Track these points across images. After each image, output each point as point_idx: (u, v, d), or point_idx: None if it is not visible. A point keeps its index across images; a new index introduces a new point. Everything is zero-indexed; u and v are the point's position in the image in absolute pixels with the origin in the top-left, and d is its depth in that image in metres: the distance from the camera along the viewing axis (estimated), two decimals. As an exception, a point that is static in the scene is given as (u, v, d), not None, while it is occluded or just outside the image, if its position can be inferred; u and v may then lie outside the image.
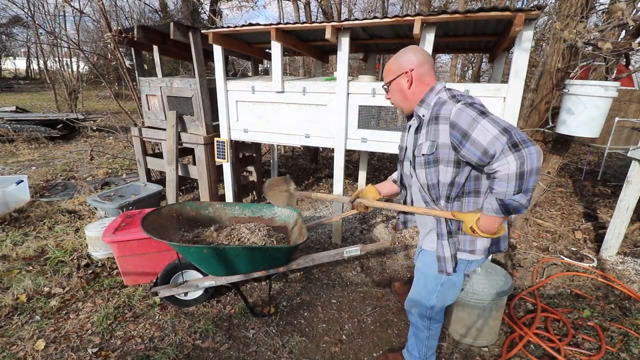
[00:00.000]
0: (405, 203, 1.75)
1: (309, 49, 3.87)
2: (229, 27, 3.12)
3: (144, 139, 4.34)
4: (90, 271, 2.86)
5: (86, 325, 2.29)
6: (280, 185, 2.34)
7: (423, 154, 1.41)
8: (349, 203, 2.02)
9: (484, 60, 9.40)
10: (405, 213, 1.80)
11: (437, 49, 3.92)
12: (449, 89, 1.42)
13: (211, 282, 2.32)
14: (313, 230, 3.76)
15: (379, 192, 1.96)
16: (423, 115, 1.42)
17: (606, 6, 3.44)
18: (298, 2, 6.18)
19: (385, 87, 1.55)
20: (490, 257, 2.78)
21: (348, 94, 2.99)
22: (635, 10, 2.91)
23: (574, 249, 3.42)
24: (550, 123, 2.86)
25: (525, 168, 1.17)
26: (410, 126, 1.53)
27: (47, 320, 2.31)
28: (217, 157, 3.73)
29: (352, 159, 7.03)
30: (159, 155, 4.46)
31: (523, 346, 2.15)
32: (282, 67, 3.16)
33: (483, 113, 1.25)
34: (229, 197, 3.88)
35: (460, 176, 1.39)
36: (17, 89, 19.40)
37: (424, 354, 1.85)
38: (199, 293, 2.49)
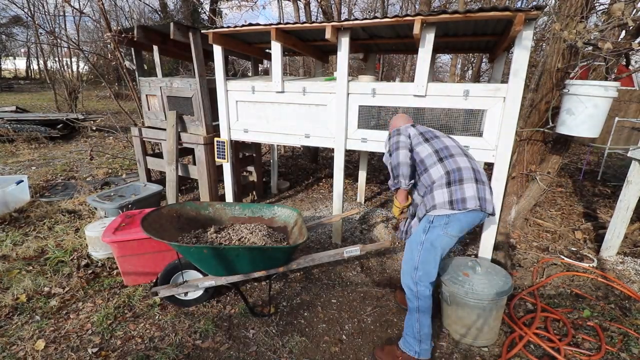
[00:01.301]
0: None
1: (309, 49, 3.88)
2: (229, 27, 3.12)
3: (144, 139, 4.34)
4: (90, 271, 2.86)
5: (86, 325, 2.29)
6: None
7: None
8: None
9: (484, 60, 9.40)
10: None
11: (437, 49, 3.92)
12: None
13: (211, 282, 2.33)
14: (313, 230, 3.76)
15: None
16: None
17: (606, 6, 3.44)
18: (298, 2, 6.18)
19: None
20: (490, 257, 2.78)
21: (348, 94, 2.99)
22: (635, 10, 2.91)
23: (574, 249, 3.42)
24: (550, 123, 2.86)
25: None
26: None
27: (47, 320, 2.31)
28: (217, 157, 3.73)
29: (352, 159, 7.03)
30: (159, 155, 4.46)
31: (523, 346, 2.14)
32: (282, 67, 3.17)
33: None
34: (229, 197, 3.88)
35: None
36: (17, 89, 19.40)
37: (417, 331, 1.94)
38: (199, 293, 2.49)
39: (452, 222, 1.88)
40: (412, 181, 2.07)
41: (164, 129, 4.07)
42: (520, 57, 2.35)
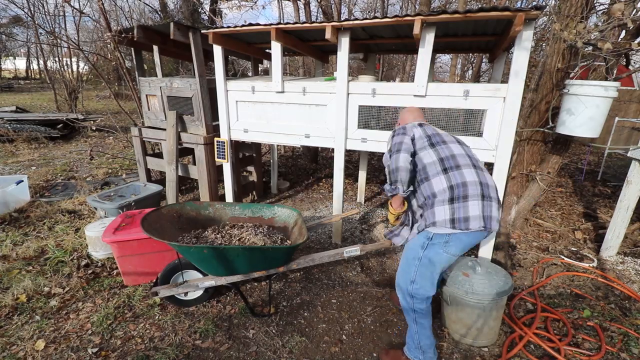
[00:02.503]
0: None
1: (309, 49, 3.88)
2: (229, 27, 3.12)
3: (144, 139, 4.34)
4: (90, 271, 2.86)
5: (86, 325, 2.29)
6: None
7: None
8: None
9: (484, 60, 9.40)
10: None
11: (437, 49, 3.92)
12: None
13: (211, 282, 2.32)
14: (313, 230, 3.76)
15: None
16: None
17: (606, 6, 3.44)
18: (298, 2, 6.17)
19: None
20: (490, 257, 2.78)
21: (348, 94, 2.99)
22: (635, 10, 2.91)
23: (574, 249, 3.42)
24: (550, 123, 2.86)
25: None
26: None
27: (47, 320, 2.31)
28: (217, 157, 3.73)
29: (352, 159, 7.03)
30: (159, 155, 4.46)
31: (523, 346, 2.15)
32: (282, 67, 3.16)
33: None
34: (229, 197, 3.88)
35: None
36: (17, 89, 19.40)
37: (418, 342, 1.91)
38: (199, 293, 2.49)
39: (452, 242, 1.76)
40: (411, 188, 1.88)
41: (164, 129, 4.07)
42: (521, 57, 2.35)
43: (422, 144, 1.87)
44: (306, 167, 6.51)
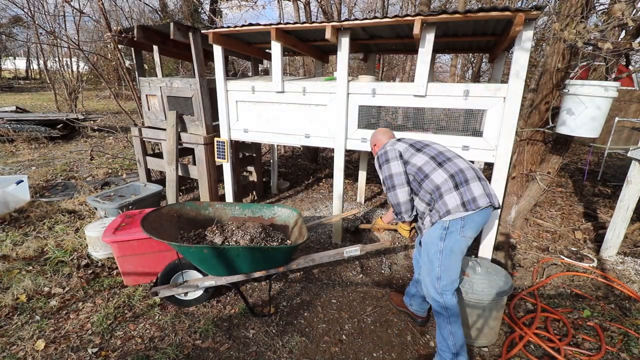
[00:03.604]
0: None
1: (309, 49, 3.87)
2: (229, 27, 3.12)
3: (144, 139, 4.34)
4: (90, 271, 2.86)
5: (86, 325, 2.29)
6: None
7: None
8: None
9: (484, 60, 9.40)
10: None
11: (437, 49, 3.92)
12: None
13: (211, 282, 2.32)
14: (313, 230, 3.76)
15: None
16: None
17: (606, 6, 3.44)
18: (298, 2, 6.17)
19: None
20: (490, 257, 2.78)
21: (348, 94, 2.99)
22: (635, 10, 2.91)
23: (574, 249, 3.42)
24: (550, 123, 2.86)
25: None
26: None
27: (47, 320, 2.31)
28: (217, 157, 3.73)
29: (352, 159, 7.03)
30: (159, 155, 4.46)
31: (523, 346, 2.15)
32: (282, 67, 3.16)
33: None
34: (229, 197, 3.88)
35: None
36: (17, 89, 19.40)
37: (453, 344, 1.90)
38: (199, 293, 2.49)
39: (467, 224, 1.83)
40: (414, 212, 2.04)
41: (164, 129, 4.07)
42: (521, 57, 2.35)
43: (410, 153, 2.01)
44: (306, 167, 6.51)
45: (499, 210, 2.73)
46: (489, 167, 3.08)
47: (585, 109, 2.44)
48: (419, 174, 1.94)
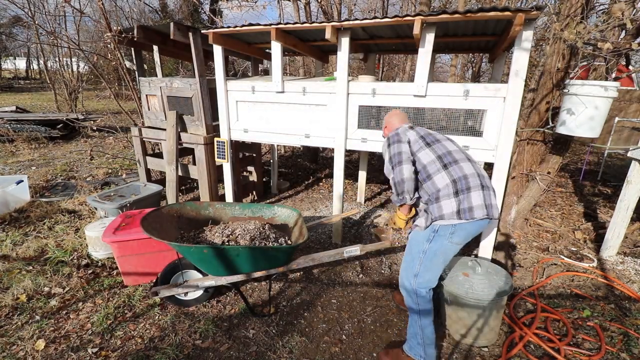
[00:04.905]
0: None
1: (309, 49, 3.87)
2: (229, 27, 3.12)
3: (144, 139, 4.34)
4: (90, 271, 2.86)
5: (86, 325, 2.29)
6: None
7: None
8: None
9: (484, 60, 9.40)
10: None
11: (437, 49, 3.92)
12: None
13: (211, 282, 2.33)
14: (313, 230, 3.76)
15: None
16: None
17: (606, 6, 3.44)
18: (298, 2, 6.17)
19: None
20: (490, 257, 2.78)
21: (348, 94, 2.99)
22: (635, 10, 2.91)
23: (574, 249, 3.42)
24: (550, 123, 2.86)
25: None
26: None
27: (47, 320, 2.31)
28: (217, 157, 3.73)
29: (352, 159, 7.03)
30: (159, 155, 4.46)
31: (523, 346, 2.15)
32: (282, 67, 3.17)
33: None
34: (229, 197, 3.88)
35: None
36: (17, 89, 19.40)
37: (420, 336, 1.91)
38: (199, 293, 2.49)
39: (457, 231, 1.82)
40: (417, 195, 1.97)
41: (164, 129, 4.07)
42: (521, 57, 2.35)
43: (419, 145, 1.95)
44: (306, 167, 6.51)
45: (499, 212, 2.73)
46: (489, 167, 3.08)
47: (585, 109, 2.44)
48: (422, 173, 1.92)
